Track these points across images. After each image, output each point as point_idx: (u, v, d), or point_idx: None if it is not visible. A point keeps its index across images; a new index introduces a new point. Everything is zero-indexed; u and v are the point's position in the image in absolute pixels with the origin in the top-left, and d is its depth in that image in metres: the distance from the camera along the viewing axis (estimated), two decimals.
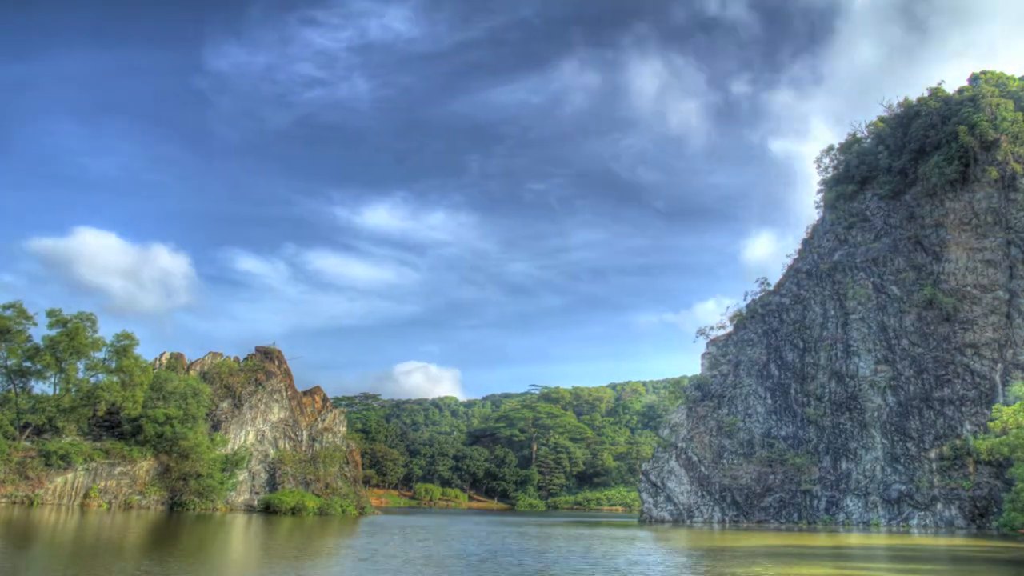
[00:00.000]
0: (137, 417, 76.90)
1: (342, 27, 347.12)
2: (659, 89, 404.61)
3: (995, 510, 77.98)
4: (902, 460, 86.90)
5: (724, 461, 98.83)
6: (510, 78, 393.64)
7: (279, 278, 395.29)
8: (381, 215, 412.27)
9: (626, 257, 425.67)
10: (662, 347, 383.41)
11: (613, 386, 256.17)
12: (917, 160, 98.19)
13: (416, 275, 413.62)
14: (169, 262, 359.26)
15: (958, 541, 62.16)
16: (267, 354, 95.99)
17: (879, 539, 63.52)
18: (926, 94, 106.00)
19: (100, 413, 78.59)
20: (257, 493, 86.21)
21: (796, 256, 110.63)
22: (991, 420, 70.84)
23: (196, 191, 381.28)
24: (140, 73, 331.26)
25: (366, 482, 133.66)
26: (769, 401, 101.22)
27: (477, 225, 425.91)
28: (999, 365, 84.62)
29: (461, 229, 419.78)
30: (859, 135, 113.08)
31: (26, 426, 74.81)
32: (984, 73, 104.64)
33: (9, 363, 76.04)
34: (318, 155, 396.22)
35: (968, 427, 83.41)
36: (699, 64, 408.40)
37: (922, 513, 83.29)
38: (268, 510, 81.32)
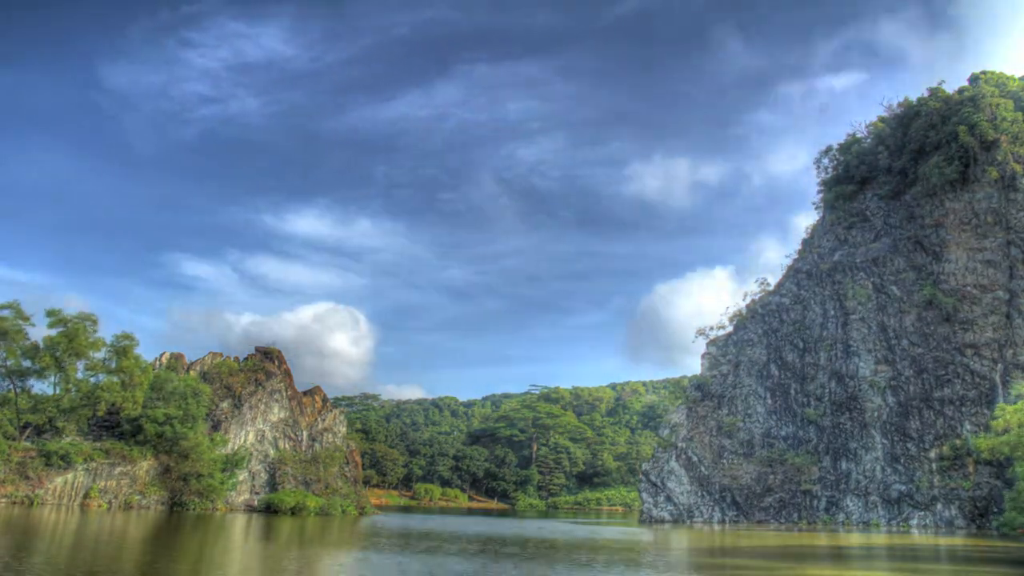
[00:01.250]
0: (137, 417, 76.90)
1: (218, 47, 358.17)
2: (535, 106, 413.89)
3: (995, 510, 78.00)
4: (902, 460, 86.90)
5: (724, 461, 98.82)
6: (393, 93, 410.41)
7: (227, 282, 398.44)
8: (309, 222, 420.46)
9: (558, 263, 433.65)
10: (601, 348, 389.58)
11: (613, 386, 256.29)
12: (917, 160, 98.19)
13: (360, 279, 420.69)
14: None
15: (958, 541, 62.16)
16: (267, 354, 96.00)
17: (879, 539, 63.52)
18: (926, 94, 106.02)
19: (100, 413, 78.58)
20: (257, 493, 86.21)
21: (796, 256, 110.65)
22: (993, 419, 70.84)
23: (124, 199, 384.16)
24: (39, 90, 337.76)
25: (366, 482, 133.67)
26: (769, 401, 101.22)
27: (405, 233, 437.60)
28: (999, 365, 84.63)
29: (390, 236, 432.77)
30: (859, 135, 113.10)
31: (26, 426, 74.82)
32: (984, 73, 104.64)
33: (8, 363, 76.04)
34: (229, 167, 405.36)
35: (968, 427, 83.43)
36: (581, 74, 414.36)
37: (922, 513, 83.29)
38: (268, 510, 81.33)
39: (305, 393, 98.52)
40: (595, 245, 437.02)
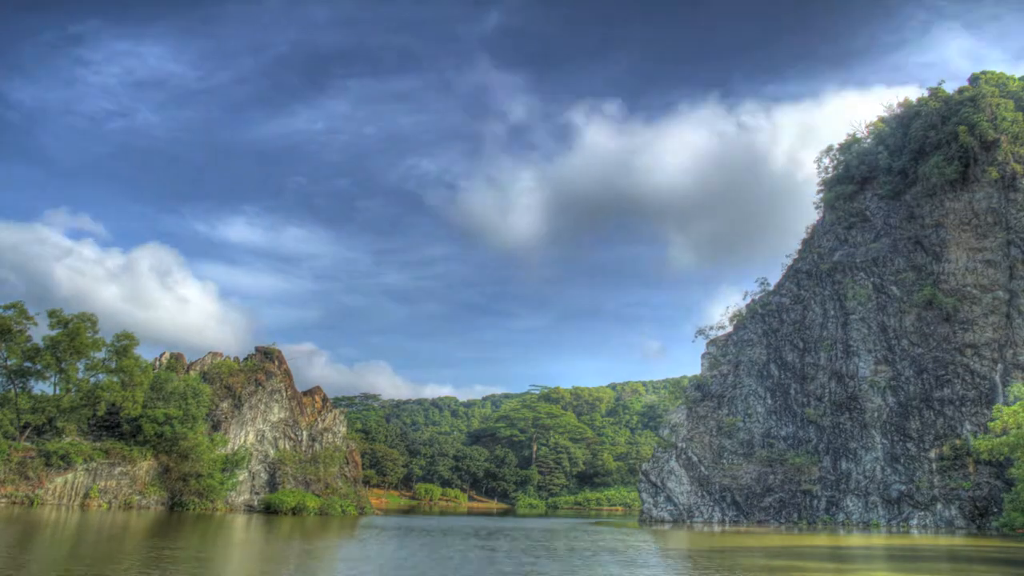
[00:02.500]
0: (137, 417, 76.91)
1: (110, 65, 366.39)
2: (424, 119, 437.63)
3: (995, 510, 77.98)
4: (902, 460, 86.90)
5: (724, 461, 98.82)
6: (285, 109, 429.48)
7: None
8: (241, 230, 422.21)
9: (488, 269, 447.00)
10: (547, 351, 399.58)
11: (613, 386, 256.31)
12: (917, 160, 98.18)
13: (306, 284, 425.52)
14: None
15: (958, 541, 62.17)
16: (267, 354, 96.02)
17: (879, 539, 63.52)
18: (926, 94, 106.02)
19: (100, 413, 78.62)
20: (257, 493, 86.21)
21: (796, 256, 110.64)
22: (991, 420, 70.81)
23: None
24: None
25: (366, 482, 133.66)
26: (769, 401, 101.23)
27: (337, 240, 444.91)
28: (999, 365, 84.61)
29: (324, 244, 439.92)
30: (859, 135, 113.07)
31: (26, 426, 74.83)
32: (984, 73, 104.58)
33: (9, 363, 76.07)
34: (150, 178, 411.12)
35: (968, 427, 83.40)
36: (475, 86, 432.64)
37: (922, 513, 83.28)
38: (268, 510, 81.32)
39: (305, 393, 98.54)
40: (518, 251, 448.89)
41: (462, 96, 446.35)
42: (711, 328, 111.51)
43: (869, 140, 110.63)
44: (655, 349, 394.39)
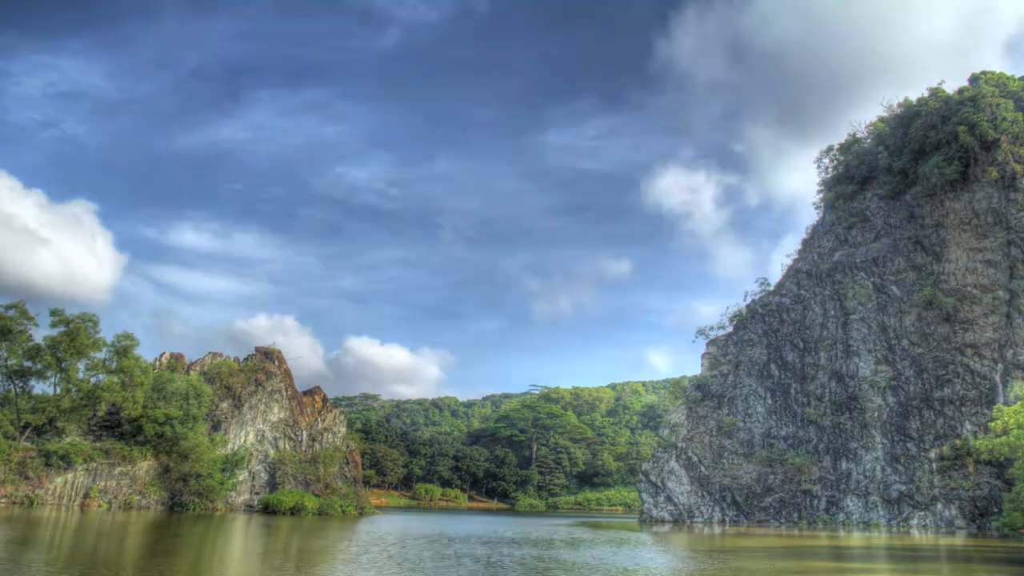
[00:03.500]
0: (137, 417, 76.88)
1: (32, 77, 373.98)
2: (345, 129, 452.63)
3: (995, 510, 77.96)
4: (902, 460, 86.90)
5: (724, 461, 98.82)
6: (209, 120, 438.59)
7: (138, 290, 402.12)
8: (192, 236, 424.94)
9: (437, 274, 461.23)
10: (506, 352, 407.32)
11: (613, 386, 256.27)
12: (917, 160, 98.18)
13: (266, 287, 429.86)
14: None
15: (958, 541, 62.18)
16: (267, 354, 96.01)
17: (879, 539, 63.52)
18: (926, 94, 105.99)
19: (100, 413, 78.60)
20: (257, 493, 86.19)
21: (796, 256, 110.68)
22: (992, 420, 70.78)
23: None
24: None
25: (366, 482, 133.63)
26: (769, 401, 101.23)
27: (285, 245, 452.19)
28: (999, 365, 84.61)
29: (274, 249, 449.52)
30: (859, 135, 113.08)
31: (26, 426, 74.82)
32: (984, 73, 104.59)
33: (10, 363, 76.06)
34: (88, 187, 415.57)
35: (968, 427, 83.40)
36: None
37: (922, 513, 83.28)
38: (268, 510, 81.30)
39: (305, 393, 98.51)
40: (464, 254, 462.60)
41: (374, 105, 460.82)
42: (711, 328, 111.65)
43: (869, 140, 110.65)
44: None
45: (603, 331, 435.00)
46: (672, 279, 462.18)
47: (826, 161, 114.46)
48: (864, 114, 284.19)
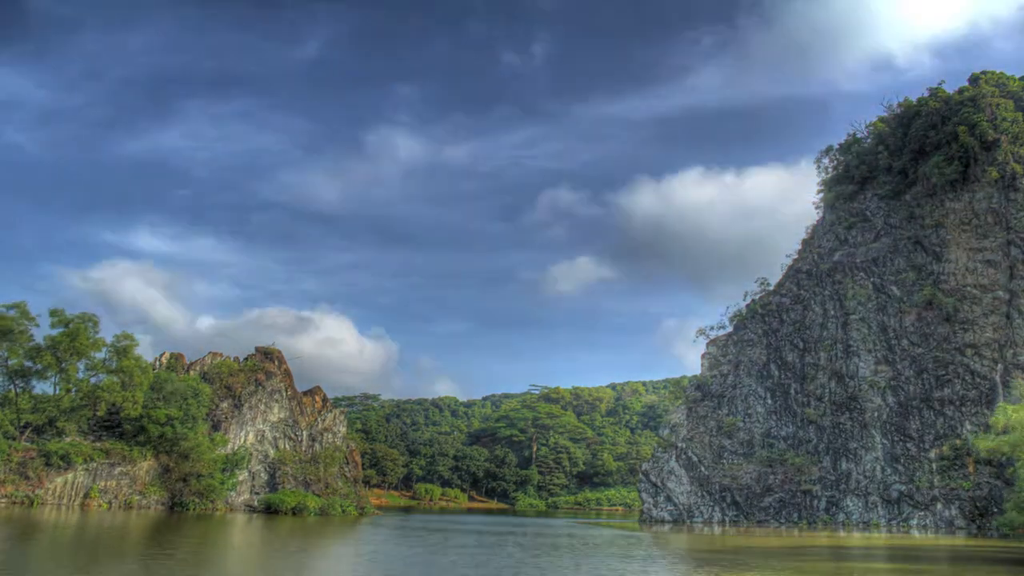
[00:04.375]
0: (137, 417, 76.86)
1: None
2: (282, 137, 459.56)
3: (995, 510, 77.94)
4: (902, 460, 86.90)
5: (724, 461, 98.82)
6: (145, 129, 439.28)
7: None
8: (149, 240, 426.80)
9: (403, 277, 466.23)
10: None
11: (613, 386, 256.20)
12: (917, 160, 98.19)
13: (233, 291, 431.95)
14: None
15: (958, 541, 62.19)
16: (267, 354, 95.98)
17: (879, 539, 63.52)
18: (926, 94, 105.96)
19: (100, 413, 78.59)
20: (257, 493, 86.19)
21: (796, 256, 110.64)
22: (994, 418, 70.75)
23: None
24: None
25: (366, 482, 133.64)
26: (769, 401, 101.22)
27: (244, 249, 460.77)
28: (999, 365, 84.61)
29: (233, 253, 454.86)
30: (859, 135, 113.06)
31: (26, 426, 74.81)
32: (984, 73, 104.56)
33: (10, 363, 76.02)
34: (42, 195, 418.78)
35: (968, 427, 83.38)
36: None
37: (922, 513, 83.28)
38: (268, 510, 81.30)
39: (305, 393, 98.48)
40: (416, 259, 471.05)
41: (304, 114, 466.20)
42: (711, 328, 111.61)
43: (869, 140, 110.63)
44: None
45: (575, 334, 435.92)
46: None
47: (826, 161, 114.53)
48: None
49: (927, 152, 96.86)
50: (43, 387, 79.73)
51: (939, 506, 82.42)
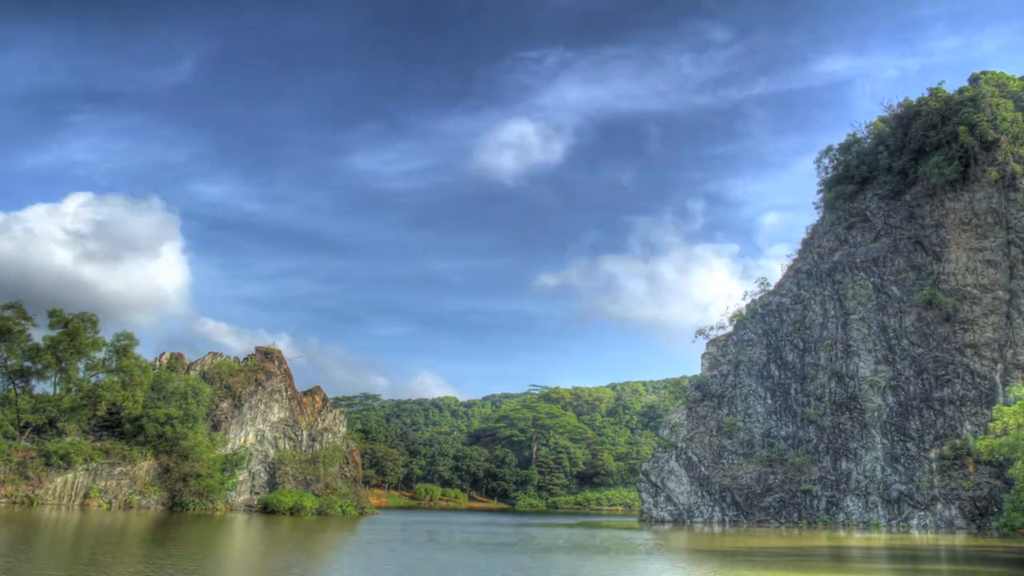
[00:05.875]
0: (137, 417, 76.87)
1: None
2: (185, 151, 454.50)
3: (995, 510, 77.97)
4: (902, 460, 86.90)
5: (724, 461, 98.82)
6: (40, 143, 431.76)
7: None
8: None
9: (328, 282, 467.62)
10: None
11: (613, 386, 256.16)
12: (917, 160, 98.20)
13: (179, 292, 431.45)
14: None
15: (958, 541, 62.18)
16: (267, 354, 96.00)
17: (879, 539, 63.52)
18: (926, 94, 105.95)
19: (100, 413, 78.58)
20: (257, 493, 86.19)
21: (796, 256, 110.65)
22: (992, 421, 70.74)
23: None
24: None
25: (366, 482, 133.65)
26: (769, 401, 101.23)
27: (194, 260, 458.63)
28: (999, 365, 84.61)
29: (186, 263, 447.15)
30: (859, 135, 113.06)
31: (26, 426, 74.82)
32: (984, 73, 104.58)
33: (10, 363, 76.03)
34: None
35: (968, 427, 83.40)
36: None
37: (922, 513, 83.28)
38: (267, 510, 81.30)
39: (305, 393, 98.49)
40: (346, 268, 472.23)
41: (202, 128, 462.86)
42: (711, 328, 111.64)
43: (869, 140, 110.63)
44: None
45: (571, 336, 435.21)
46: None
47: (826, 161, 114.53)
48: None
49: (927, 152, 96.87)
50: (43, 387, 79.80)
51: (939, 506, 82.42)
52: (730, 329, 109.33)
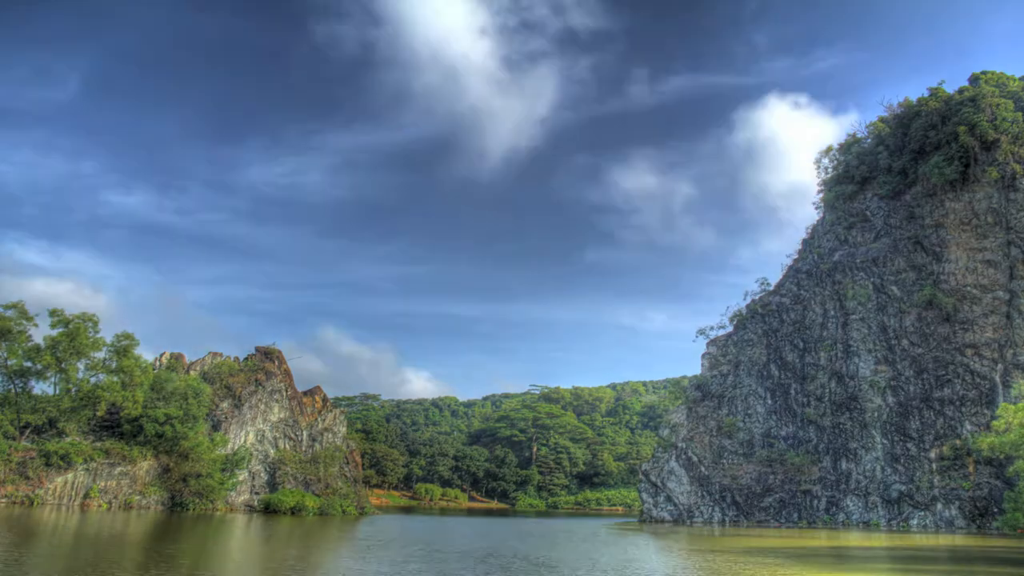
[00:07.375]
0: (137, 417, 76.91)
1: None
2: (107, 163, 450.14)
3: (995, 510, 78.01)
4: (902, 460, 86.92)
5: (724, 461, 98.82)
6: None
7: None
8: (45, 255, 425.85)
9: (265, 288, 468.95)
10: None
11: (613, 386, 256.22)
12: (917, 160, 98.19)
13: (118, 297, 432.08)
14: None
15: (958, 541, 62.19)
16: (267, 354, 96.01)
17: (879, 539, 63.54)
18: (926, 94, 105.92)
19: (100, 413, 78.60)
20: (257, 493, 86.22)
21: (796, 256, 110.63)
22: (995, 419, 70.84)
23: None
24: None
25: (366, 482, 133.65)
26: (769, 401, 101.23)
27: (117, 263, 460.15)
28: (999, 365, 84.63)
29: (109, 266, 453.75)
30: (859, 135, 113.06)
31: (26, 426, 74.84)
32: (984, 73, 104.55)
33: (10, 363, 76.05)
34: None
35: (968, 427, 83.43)
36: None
37: (922, 513, 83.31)
38: (267, 510, 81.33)
39: (305, 393, 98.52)
40: (275, 269, 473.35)
41: (98, 139, 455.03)
42: (711, 328, 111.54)
43: (869, 140, 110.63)
44: None
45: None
46: None
47: (826, 161, 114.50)
48: None
49: (927, 152, 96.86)
50: (43, 387, 79.85)
51: (939, 506, 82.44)
52: (730, 329, 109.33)
